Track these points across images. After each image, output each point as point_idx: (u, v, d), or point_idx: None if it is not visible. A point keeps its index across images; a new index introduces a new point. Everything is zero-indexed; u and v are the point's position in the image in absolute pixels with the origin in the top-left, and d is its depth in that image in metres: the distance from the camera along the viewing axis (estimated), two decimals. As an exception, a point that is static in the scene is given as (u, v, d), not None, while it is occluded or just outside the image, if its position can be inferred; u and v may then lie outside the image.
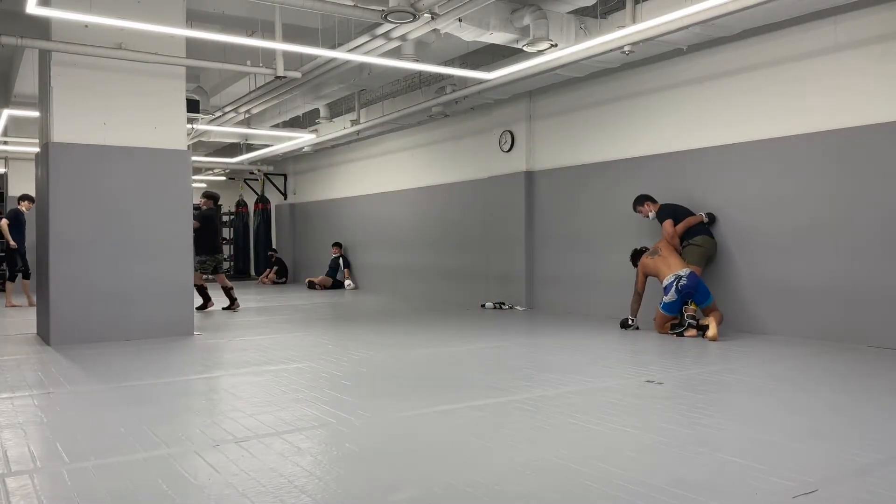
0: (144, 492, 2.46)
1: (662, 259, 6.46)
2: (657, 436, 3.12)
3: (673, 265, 6.35)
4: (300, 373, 4.70)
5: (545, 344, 6.04)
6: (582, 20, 6.64)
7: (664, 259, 6.45)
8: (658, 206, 6.97)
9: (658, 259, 6.49)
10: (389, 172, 12.43)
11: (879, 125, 5.66)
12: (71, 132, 6.11)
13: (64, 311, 6.06)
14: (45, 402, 3.89)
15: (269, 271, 15.17)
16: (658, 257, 6.51)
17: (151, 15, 6.15)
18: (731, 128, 6.75)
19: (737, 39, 6.55)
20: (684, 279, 6.19)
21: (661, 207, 6.93)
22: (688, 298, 6.24)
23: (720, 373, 4.63)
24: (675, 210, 6.83)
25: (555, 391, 4.07)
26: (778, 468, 2.66)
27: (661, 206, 6.95)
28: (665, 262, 6.42)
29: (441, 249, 10.85)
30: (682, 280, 6.19)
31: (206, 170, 16.37)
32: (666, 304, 6.31)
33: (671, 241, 6.63)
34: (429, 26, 5.98)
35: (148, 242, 6.43)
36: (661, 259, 6.46)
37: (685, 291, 6.19)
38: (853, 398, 3.88)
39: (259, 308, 9.64)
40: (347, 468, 2.71)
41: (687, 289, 6.18)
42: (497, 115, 9.57)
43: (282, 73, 6.76)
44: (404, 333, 6.73)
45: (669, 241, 6.63)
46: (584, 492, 2.43)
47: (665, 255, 6.47)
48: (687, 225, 6.72)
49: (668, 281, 6.27)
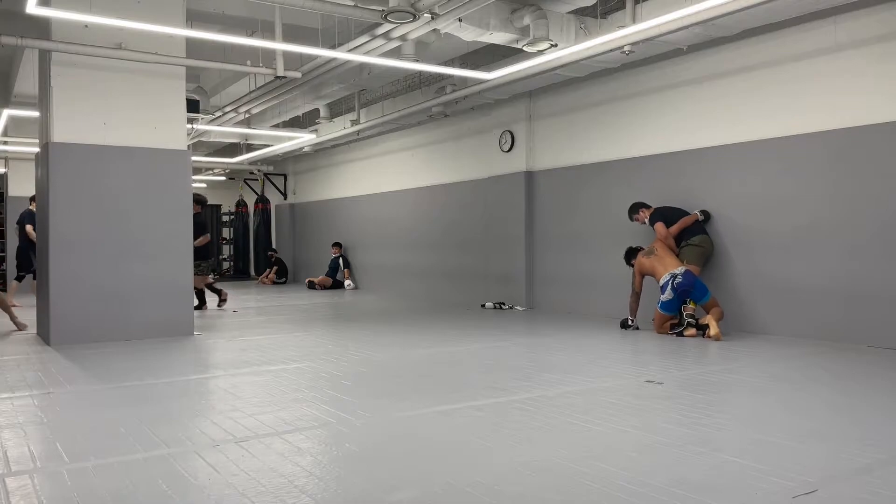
0: (144, 492, 2.46)
1: (658, 258, 6.49)
2: (657, 436, 3.12)
3: (669, 264, 6.38)
4: (300, 373, 4.70)
5: (545, 344, 6.04)
6: (582, 20, 6.64)
7: (660, 258, 6.48)
8: (651, 211, 7.03)
9: (654, 258, 6.52)
10: (389, 172, 12.43)
11: (879, 125, 5.66)
12: (71, 132, 6.11)
13: (64, 311, 6.06)
14: (45, 402, 3.89)
15: (269, 271, 15.16)
16: (654, 257, 6.54)
17: (151, 15, 6.15)
18: (731, 128, 6.75)
19: (737, 39, 6.54)
20: (679, 277, 6.21)
21: (653, 212, 6.99)
22: (685, 297, 6.25)
23: (720, 373, 4.63)
24: (664, 213, 6.87)
25: (555, 391, 4.07)
26: (778, 468, 2.66)
27: (653, 211, 7.01)
28: (661, 261, 6.45)
29: (441, 249, 10.85)
30: (677, 278, 6.21)
31: (206, 170, 16.37)
32: (664, 304, 6.32)
33: (665, 242, 6.65)
34: (429, 26, 5.97)
35: (148, 242, 6.43)
36: (657, 258, 6.49)
37: (681, 290, 6.20)
38: (853, 398, 3.88)
39: (259, 308, 9.64)
40: (347, 468, 2.71)
41: (683, 286, 6.19)
42: (497, 115, 9.57)
43: (282, 73, 6.76)
44: (404, 333, 6.73)
45: (664, 242, 6.65)
46: (584, 492, 2.43)
47: (661, 255, 6.51)
48: (682, 225, 6.73)
49: (664, 280, 6.29)
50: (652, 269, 6.50)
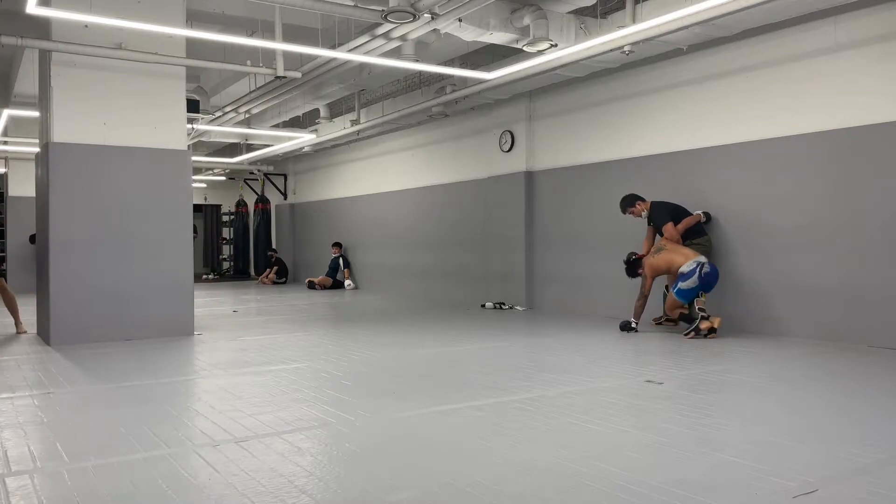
0: (144, 492, 2.46)
1: (670, 252, 6.39)
2: (657, 436, 3.12)
3: (688, 254, 6.29)
4: (300, 373, 4.70)
5: (545, 344, 6.04)
6: (582, 20, 6.64)
7: (674, 251, 6.38)
8: (649, 204, 6.87)
9: (666, 253, 6.42)
10: (389, 172, 12.43)
11: (879, 125, 5.66)
12: (71, 132, 6.11)
13: (64, 311, 6.06)
14: (45, 402, 3.89)
15: (269, 271, 15.16)
16: (665, 252, 6.43)
17: (151, 15, 6.15)
18: (731, 128, 6.75)
19: (737, 39, 6.54)
20: (707, 266, 6.14)
21: (655, 206, 6.81)
22: (708, 288, 6.21)
23: (720, 373, 4.63)
24: (671, 210, 6.73)
25: (555, 391, 4.07)
26: (778, 468, 2.66)
27: (654, 205, 6.83)
28: (676, 251, 6.36)
29: (441, 249, 10.85)
30: (705, 267, 6.12)
31: (206, 170, 16.37)
32: (682, 290, 6.20)
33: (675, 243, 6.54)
34: (429, 26, 5.97)
35: (148, 242, 6.42)
36: (670, 252, 6.39)
37: (707, 280, 6.13)
38: (853, 398, 3.88)
39: (259, 308, 9.64)
40: (347, 468, 2.71)
41: (709, 277, 6.13)
42: (497, 115, 9.57)
43: (282, 73, 6.75)
44: (404, 333, 6.73)
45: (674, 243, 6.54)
46: (584, 492, 2.43)
47: (671, 249, 6.42)
48: (687, 225, 6.66)
49: (690, 267, 6.16)
50: (668, 263, 6.37)
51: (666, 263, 6.42)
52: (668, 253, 6.42)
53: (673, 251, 6.40)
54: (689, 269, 6.19)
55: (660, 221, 6.73)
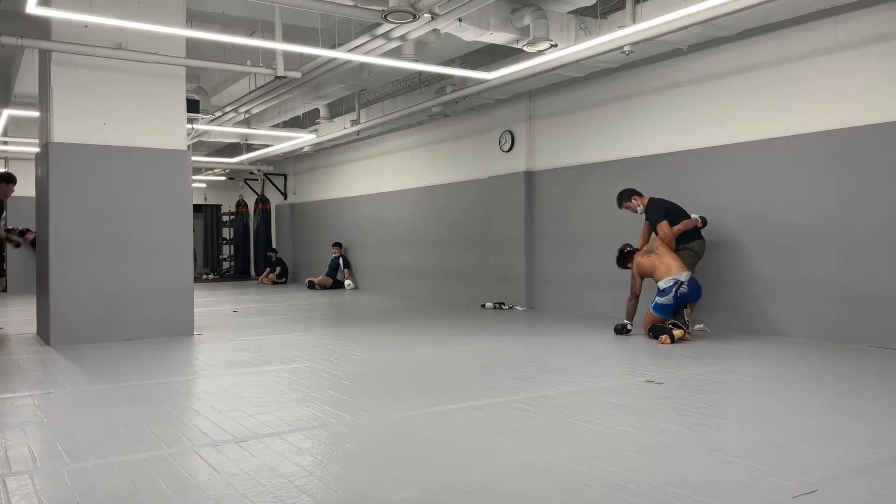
0: (144, 492, 2.46)
1: (659, 258, 6.21)
2: (657, 436, 3.12)
3: (672, 267, 6.10)
4: (300, 373, 4.70)
5: (545, 344, 6.04)
6: (582, 20, 6.64)
7: (661, 258, 6.19)
8: (647, 201, 6.72)
9: (654, 258, 6.25)
10: (389, 172, 12.43)
11: (879, 125, 5.66)
12: (71, 132, 6.11)
13: (64, 311, 6.06)
14: (45, 402, 3.89)
15: (269, 271, 15.16)
16: (654, 255, 6.26)
17: (151, 15, 6.15)
18: (731, 128, 6.75)
19: (737, 39, 6.54)
20: (685, 286, 5.97)
21: (652, 203, 6.66)
22: (683, 305, 6.11)
23: (720, 373, 4.63)
24: (669, 210, 6.57)
25: (555, 391, 4.07)
26: (778, 468, 2.66)
27: (651, 202, 6.68)
28: (662, 260, 6.17)
29: (441, 249, 10.85)
30: (682, 287, 5.97)
31: (206, 170, 16.37)
32: (659, 306, 6.08)
33: (668, 244, 6.46)
34: (429, 26, 5.97)
35: (148, 242, 6.42)
36: (658, 258, 6.21)
37: (682, 300, 6.03)
38: (853, 398, 3.88)
39: (259, 308, 9.64)
40: (347, 468, 2.71)
41: (685, 297, 6.02)
42: (497, 115, 9.57)
43: (282, 73, 6.75)
44: (404, 333, 6.73)
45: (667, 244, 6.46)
46: (584, 492, 2.43)
47: (661, 254, 6.23)
48: (684, 228, 6.47)
49: (667, 284, 6.02)
50: (652, 269, 6.23)
51: (650, 269, 6.26)
52: (656, 258, 6.23)
53: (661, 257, 6.20)
54: (665, 286, 6.04)
55: (655, 219, 6.55)
